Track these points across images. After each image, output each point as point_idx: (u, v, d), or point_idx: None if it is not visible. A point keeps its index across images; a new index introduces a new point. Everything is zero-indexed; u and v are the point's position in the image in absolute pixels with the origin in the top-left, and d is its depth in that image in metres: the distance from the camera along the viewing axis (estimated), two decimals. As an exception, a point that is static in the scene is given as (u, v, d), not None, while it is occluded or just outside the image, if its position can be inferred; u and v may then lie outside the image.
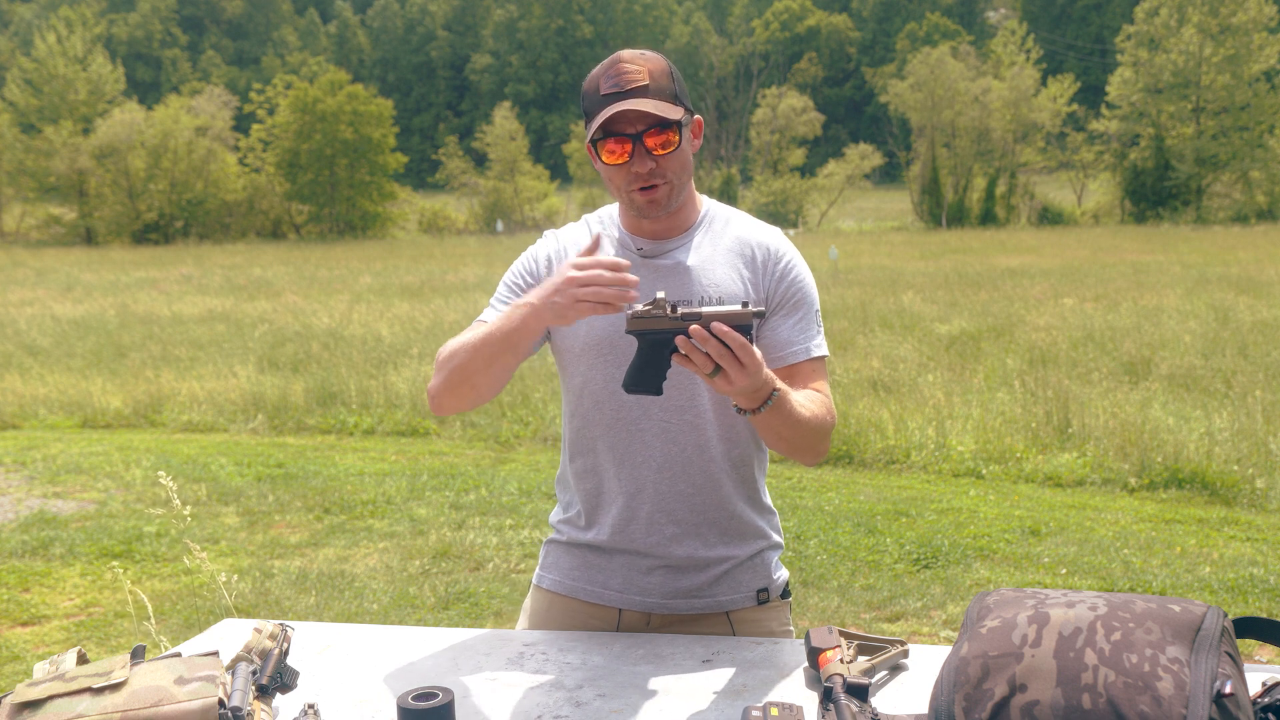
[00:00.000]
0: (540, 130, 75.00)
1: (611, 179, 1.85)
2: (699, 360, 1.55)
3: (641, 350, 1.61)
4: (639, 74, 1.77)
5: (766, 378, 1.62)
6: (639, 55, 1.80)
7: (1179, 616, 1.27)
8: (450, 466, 7.30)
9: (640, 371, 1.63)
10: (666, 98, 1.79)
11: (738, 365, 1.55)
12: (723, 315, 1.56)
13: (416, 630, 1.98)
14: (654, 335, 1.59)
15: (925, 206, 42.85)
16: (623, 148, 1.79)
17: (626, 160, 1.80)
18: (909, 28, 78.30)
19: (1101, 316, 12.63)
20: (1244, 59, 40.76)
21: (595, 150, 1.83)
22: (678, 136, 1.80)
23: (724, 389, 1.60)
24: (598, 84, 1.80)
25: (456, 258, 27.21)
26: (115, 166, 39.89)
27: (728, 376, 1.57)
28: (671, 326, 1.57)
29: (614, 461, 1.91)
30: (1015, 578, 4.93)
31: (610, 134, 1.78)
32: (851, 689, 1.50)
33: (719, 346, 1.54)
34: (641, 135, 1.78)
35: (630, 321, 1.59)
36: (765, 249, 1.94)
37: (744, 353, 1.55)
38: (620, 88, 1.77)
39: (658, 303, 1.58)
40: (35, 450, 8.06)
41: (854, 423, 7.50)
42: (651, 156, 1.79)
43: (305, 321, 13.94)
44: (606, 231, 1.96)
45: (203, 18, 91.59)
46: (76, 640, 4.51)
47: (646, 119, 1.77)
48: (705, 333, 1.54)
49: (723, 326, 1.54)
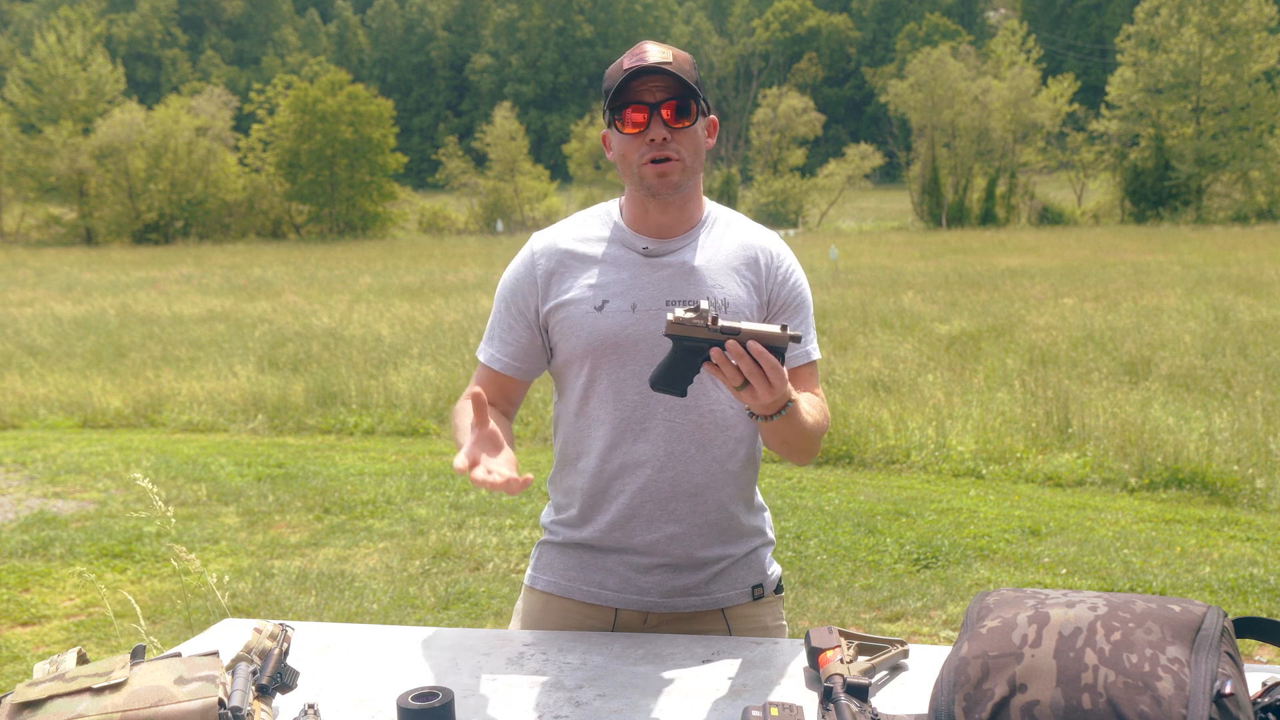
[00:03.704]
0: (540, 130, 75.04)
1: (625, 155, 1.85)
2: (729, 373, 1.57)
3: (675, 353, 1.63)
4: (664, 54, 1.81)
5: (786, 390, 1.64)
6: (665, 45, 1.84)
7: (1179, 616, 1.27)
8: (450, 466, 7.28)
9: (669, 372, 1.64)
10: (688, 79, 1.82)
11: (766, 384, 1.57)
12: (760, 335, 1.57)
13: (416, 630, 1.98)
14: (690, 342, 1.60)
15: (925, 206, 42.86)
16: (640, 116, 1.81)
17: (643, 129, 1.81)
18: (909, 28, 78.31)
19: (1101, 316, 12.63)
20: (1244, 59, 40.77)
21: (615, 123, 1.84)
22: (695, 116, 1.83)
23: (747, 402, 1.62)
24: (621, 64, 1.83)
25: (456, 258, 27.21)
26: (115, 166, 39.89)
27: (754, 392, 1.59)
28: (709, 338, 1.58)
29: (616, 460, 1.91)
30: (1015, 578, 4.93)
31: (629, 103, 1.81)
32: (851, 689, 1.50)
33: (752, 365, 1.56)
34: (660, 105, 1.80)
35: (670, 326, 1.60)
36: (768, 254, 1.96)
37: (775, 374, 1.57)
38: (643, 61, 1.80)
39: (701, 312, 1.59)
40: (35, 450, 8.06)
41: (854, 423, 7.50)
42: (667, 127, 1.81)
43: (305, 321, 13.94)
44: (604, 228, 1.95)
45: (203, 18, 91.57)
46: (76, 640, 4.51)
47: (668, 89, 1.80)
48: (741, 350, 1.56)
49: (759, 346, 1.56)
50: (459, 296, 16.60)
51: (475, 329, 11.96)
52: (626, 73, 1.80)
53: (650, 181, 1.84)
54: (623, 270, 1.90)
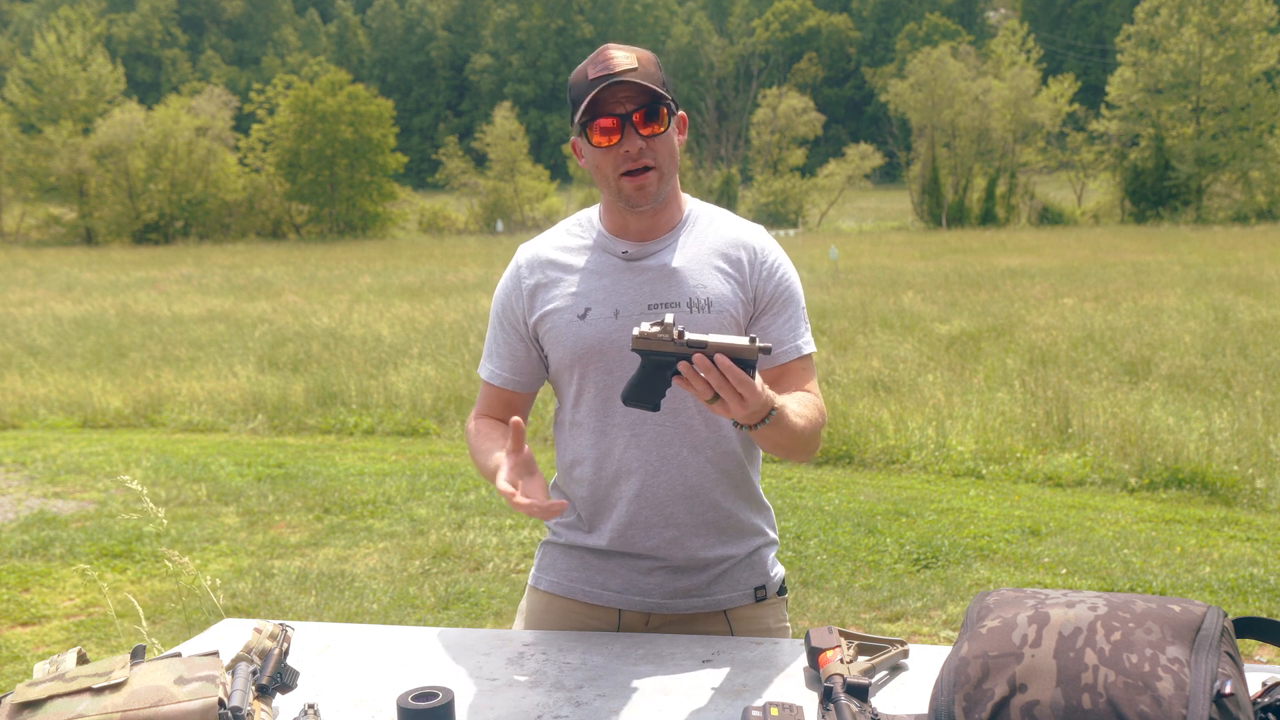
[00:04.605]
0: (540, 130, 75.01)
1: (599, 167, 1.83)
2: (699, 386, 1.55)
3: (643, 368, 1.61)
4: (628, 60, 1.78)
5: (765, 400, 1.61)
6: (627, 46, 1.81)
7: (1179, 616, 1.27)
8: (450, 466, 7.30)
9: (639, 388, 1.62)
10: (655, 84, 1.79)
11: (737, 398, 1.55)
12: (728, 348, 1.54)
13: (416, 630, 1.98)
14: (657, 356, 1.58)
15: (925, 206, 42.84)
16: (612, 132, 1.78)
17: (616, 142, 1.79)
18: (909, 28, 78.30)
19: (1101, 316, 12.63)
20: (1244, 59, 40.76)
21: (585, 135, 1.82)
22: (666, 120, 1.81)
23: (722, 414, 1.60)
24: (585, 72, 1.80)
25: (456, 258, 27.21)
26: (115, 166, 39.88)
27: (726, 406, 1.56)
28: (675, 351, 1.56)
29: (611, 467, 1.91)
30: (1015, 578, 4.93)
31: (599, 115, 1.78)
32: (851, 689, 1.50)
33: (720, 378, 1.53)
34: (630, 115, 1.77)
35: (635, 340, 1.58)
36: (751, 249, 1.93)
37: (744, 387, 1.54)
38: (609, 70, 1.77)
39: (665, 326, 1.57)
40: (35, 450, 8.06)
41: (854, 423, 7.50)
42: (641, 137, 1.79)
43: (305, 321, 13.94)
44: (585, 235, 1.95)
45: (203, 18, 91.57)
46: (76, 640, 4.51)
47: (637, 98, 1.77)
48: (708, 363, 1.53)
49: (726, 360, 1.53)
50: (459, 296, 16.59)
51: (475, 329, 11.96)
52: (592, 83, 1.77)
53: (629, 195, 1.83)
54: (604, 277, 1.89)
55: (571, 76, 1.85)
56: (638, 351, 1.59)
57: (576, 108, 1.80)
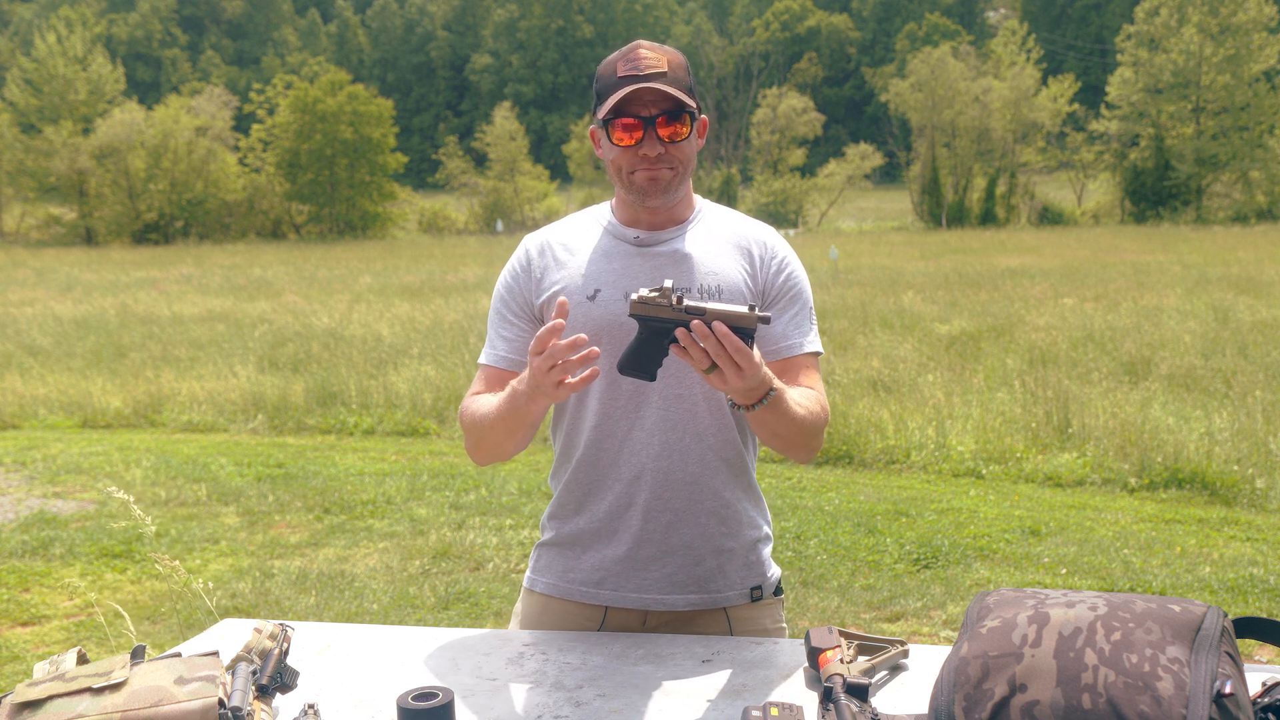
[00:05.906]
0: (540, 130, 75.01)
1: (615, 161, 1.84)
2: (696, 355, 1.55)
3: (641, 335, 1.60)
4: (658, 62, 1.78)
5: (764, 377, 1.61)
6: (658, 46, 1.82)
7: (1179, 616, 1.27)
8: (450, 466, 7.30)
9: (636, 355, 1.61)
10: (682, 89, 1.80)
11: (734, 367, 1.55)
12: (727, 315, 1.53)
13: (416, 630, 1.98)
14: (655, 323, 1.57)
15: (925, 206, 42.84)
16: (634, 131, 1.79)
17: (636, 143, 1.80)
18: (909, 28, 78.29)
19: (1101, 316, 12.63)
20: (1244, 59, 40.76)
21: (605, 131, 1.82)
22: (689, 127, 1.81)
23: (719, 386, 1.60)
24: (615, 67, 1.80)
25: (456, 258, 27.21)
26: (115, 166, 39.87)
27: (723, 376, 1.56)
28: (673, 318, 1.55)
29: (611, 450, 1.90)
30: (1015, 578, 4.93)
31: (623, 114, 1.79)
32: (851, 689, 1.50)
33: (717, 346, 1.53)
34: (654, 120, 1.78)
35: (634, 305, 1.57)
36: (762, 244, 1.95)
37: (741, 356, 1.54)
38: (638, 71, 1.77)
39: (664, 291, 1.56)
40: (35, 450, 8.06)
41: (854, 423, 7.50)
42: (661, 143, 1.80)
43: (305, 321, 13.94)
44: (596, 224, 1.96)
45: (203, 18, 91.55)
46: (76, 640, 4.51)
47: (661, 103, 1.78)
48: (706, 330, 1.53)
49: (724, 328, 1.52)
50: (459, 296, 16.59)
51: (475, 329, 11.96)
52: (620, 81, 1.77)
53: (641, 186, 1.84)
54: (614, 260, 1.90)
55: (600, 67, 1.85)
56: (635, 317, 1.58)
57: (601, 100, 1.81)
